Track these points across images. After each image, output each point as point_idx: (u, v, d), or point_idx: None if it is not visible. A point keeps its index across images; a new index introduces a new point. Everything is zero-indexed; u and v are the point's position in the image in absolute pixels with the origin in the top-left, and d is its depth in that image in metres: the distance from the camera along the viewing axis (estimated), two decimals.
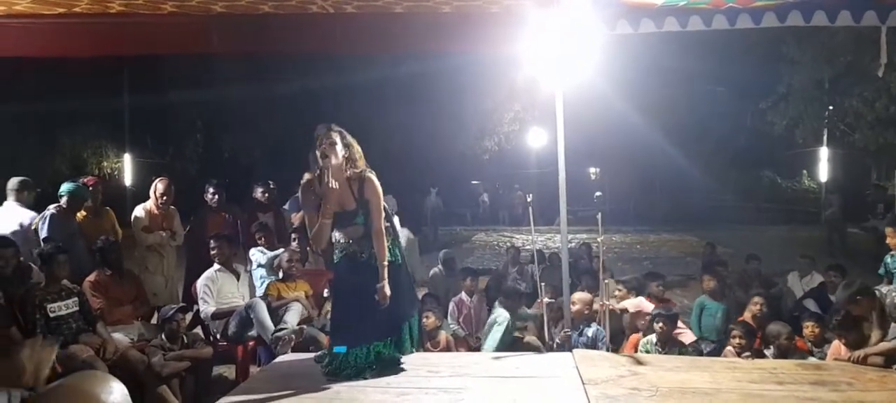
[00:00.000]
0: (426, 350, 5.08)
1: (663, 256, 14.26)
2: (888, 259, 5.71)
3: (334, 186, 3.66)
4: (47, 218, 5.45)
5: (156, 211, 6.04)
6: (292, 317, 5.04)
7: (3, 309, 4.29)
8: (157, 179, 6.23)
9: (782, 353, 4.56)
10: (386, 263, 3.76)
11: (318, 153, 3.71)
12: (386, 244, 3.79)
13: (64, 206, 5.55)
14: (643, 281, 6.38)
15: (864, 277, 8.02)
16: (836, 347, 4.42)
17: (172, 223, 6.14)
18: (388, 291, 3.74)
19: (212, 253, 5.44)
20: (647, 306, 5.43)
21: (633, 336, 5.31)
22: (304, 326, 5.09)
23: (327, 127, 3.78)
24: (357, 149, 3.82)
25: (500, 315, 5.37)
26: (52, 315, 4.38)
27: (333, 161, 3.69)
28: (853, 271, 8.17)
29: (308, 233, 4.00)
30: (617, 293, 5.70)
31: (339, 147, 3.72)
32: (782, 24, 4.25)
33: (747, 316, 5.20)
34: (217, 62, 17.24)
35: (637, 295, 5.77)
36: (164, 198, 6.07)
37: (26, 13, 4.79)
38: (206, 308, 5.22)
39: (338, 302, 4.12)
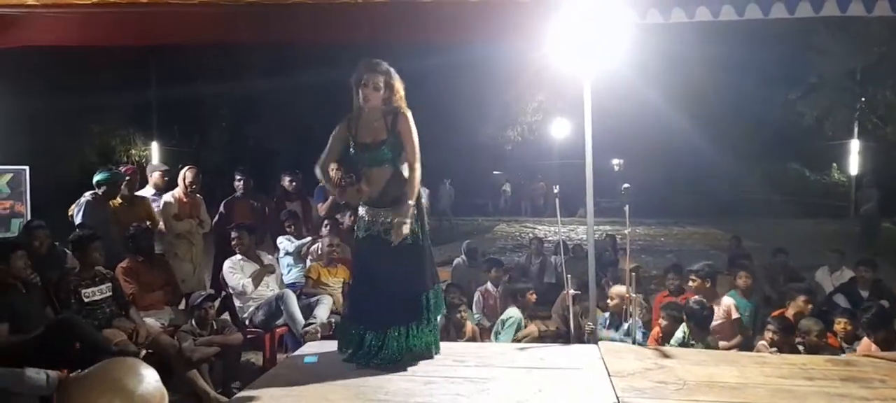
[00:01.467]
0: (450, 340, 5.11)
1: (688, 249, 14.10)
2: None
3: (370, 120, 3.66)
4: (83, 205, 5.57)
5: (184, 199, 6.14)
6: (322, 312, 5.11)
7: (39, 291, 4.41)
8: (186, 168, 6.32)
9: (813, 349, 4.49)
10: (411, 202, 3.63)
11: (360, 92, 3.64)
12: (417, 189, 3.68)
13: (99, 194, 5.67)
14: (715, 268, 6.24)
15: (891, 270, 7.91)
16: (866, 344, 4.35)
17: (199, 211, 6.22)
18: (405, 230, 3.58)
19: (232, 243, 5.50)
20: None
21: (656, 330, 5.27)
22: (334, 320, 5.15)
23: (374, 67, 3.64)
24: (399, 90, 3.71)
25: (511, 314, 5.38)
26: (86, 300, 4.49)
27: (372, 103, 3.64)
28: (884, 266, 8.03)
29: (323, 168, 3.84)
30: (691, 283, 5.53)
31: (382, 92, 3.64)
32: (817, 14, 4.16)
33: (789, 311, 5.10)
34: (244, 51, 17.38)
35: (711, 286, 5.44)
36: (193, 186, 6.15)
37: (57, 3, 4.87)
38: (241, 279, 5.28)
39: (358, 284, 4.00)
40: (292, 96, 20.00)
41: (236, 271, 5.33)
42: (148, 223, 5.67)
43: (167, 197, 6.19)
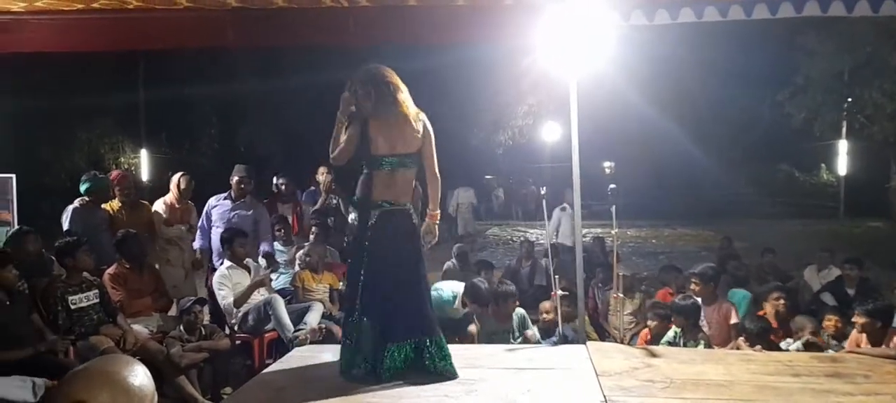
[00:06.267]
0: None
1: (679, 250, 14.15)
2: None
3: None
4: (70, 213, 5.56)
5: (176, 206, 6.11)
6: (313, 318, 5.10)
7: (25, 298, 4.38)
8: (179, 175, 6.28)
9: (807, 346, 4.50)
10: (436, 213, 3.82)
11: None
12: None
13: (87, 200, 5.66)
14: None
15: (880, 271, 7.97)
16: (855, 337, 4.35)
17: (190, 217, 6.20)
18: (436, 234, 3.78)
19: (236, 248, 5.40)
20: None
21: (645, 331, 5.29)
22: (324, 326, 5.14)
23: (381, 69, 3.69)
24: None
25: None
26: (73, 307, 4.47)
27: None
28: (870, 264, 8.08)
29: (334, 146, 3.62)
30: (694, 286, 5.07)
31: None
32: (799, 14, 4.21)
33: (769, 311, 5.13)
34: (233, 56, 17.34)
35: (714, 287, 5.06)
36: (185, 192, 6.13)
37: (46, 9, 4.86)
38: (227, 298, 5.26)
39: (368, 277, 3.58)
40: (282, 100, 19.98)
41: (225, 289, 5.28)
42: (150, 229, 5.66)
43: (158, 204, 6.17)
